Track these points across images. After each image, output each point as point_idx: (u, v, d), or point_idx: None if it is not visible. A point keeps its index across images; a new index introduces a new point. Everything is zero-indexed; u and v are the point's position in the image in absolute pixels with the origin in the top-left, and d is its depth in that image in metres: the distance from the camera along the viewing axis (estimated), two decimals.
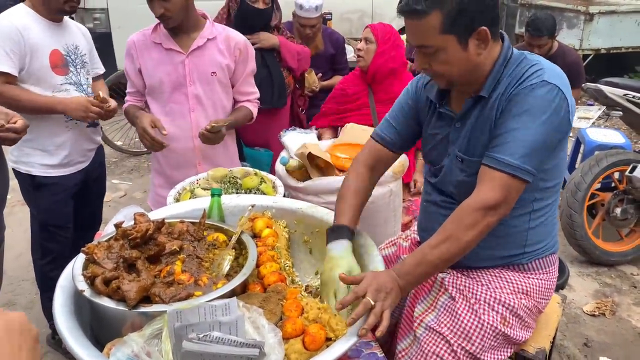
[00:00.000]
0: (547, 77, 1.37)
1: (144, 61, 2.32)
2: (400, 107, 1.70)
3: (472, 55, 1.39)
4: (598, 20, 6.82)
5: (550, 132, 1.36)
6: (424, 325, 1.55)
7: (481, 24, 1.36)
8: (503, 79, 1.43)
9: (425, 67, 1.44)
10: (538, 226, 1.54)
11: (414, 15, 1.35)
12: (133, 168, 5.10)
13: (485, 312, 1.52)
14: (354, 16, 6.71)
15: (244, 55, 2.37)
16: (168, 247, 1.45)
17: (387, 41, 2.88)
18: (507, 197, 1.36)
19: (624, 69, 7.41)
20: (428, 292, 1.62)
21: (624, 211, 3.43)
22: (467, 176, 1.49)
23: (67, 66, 2.35)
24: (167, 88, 2.32)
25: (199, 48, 2.28)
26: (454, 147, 1.53)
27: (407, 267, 1.38)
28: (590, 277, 3.46)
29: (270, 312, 1.32)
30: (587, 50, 6.91)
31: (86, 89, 2.43)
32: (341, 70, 3.96)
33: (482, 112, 1.45)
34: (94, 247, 1.38)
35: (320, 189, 2.15)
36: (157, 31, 2.31)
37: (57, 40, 2.32)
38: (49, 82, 2.28)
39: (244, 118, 2.45)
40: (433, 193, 1.66)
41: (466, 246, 1.37)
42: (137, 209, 2.09)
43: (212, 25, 2.33)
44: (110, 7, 5.78)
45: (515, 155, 1.34)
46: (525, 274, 1.58)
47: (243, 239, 1.55)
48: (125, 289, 1.24)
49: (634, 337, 2.91)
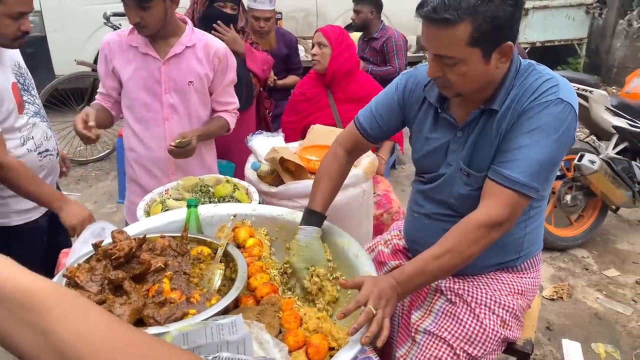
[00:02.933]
0: (562, 95, 1.34)
1: (118, 63, 2.18)
2: (385, 102, 1.66)
3: (492, 69, 1.35)
4: (532, 15, 7.15)
5: (559, 150, 1.35)
6: (422, 330, 1.55)
7: (508, 39, 1.30)
8: (513, 89, 1.39)
9: (438, 76, 1.38)
10: (532, 230, 1.57)
11: (442, 23, 1.27)
12: (80, 178, 4.86)
13: (487, 317, 1.53)
14: (299, 15, 6.70)
15: (223, 64, 2.27)
16: (153, 265, 1.39)
17: (340, 43, 2.92)
18: (513, 214, 1.36)
19: (557, 61, 7.79)
20: (424, 299, 1.63)
21: (574, 198, 3.60)
22: (473, 190, 1.46)
23: (22, 96, 2.00)
24: (141, 93, 2.20)
25: (176, 56, 2.17)
26: (455, 157, 1.49)
27: (406, 275, 1.37)
28: (545, 262, 3.61)
29: (269, 325, 1.29)
30: (524, 44, 7.22)
31: (44, 115, 2.12)
32: (295, 70, 3.95)
33: (489, 122, 1.42)
34: (75, 270, 1.30)
35: (294, 194, 2.12)
36: (134, 33, 2.17)
37: (7, 70, 1.95)
38: (16, 126, 1.94)
39: (219, 129, 2.36)
40: (426, 203, 1.62)
41: (467, 260, 1.38)
42: (106, 225, 1.98)
43: (191, 31, 2.22)
44: (45, 8, 5.47)
45: (524, 173, 1.32)
46: (519, 274, 1.61)
47: (230, 250, 1.50)
48: (117, 313, 1.18)
49: (590, 318, 3.06)
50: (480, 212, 1.37)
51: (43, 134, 2.10)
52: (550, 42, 7.48)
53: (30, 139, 2.02)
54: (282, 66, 3.88)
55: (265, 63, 3.06)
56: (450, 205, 1.55)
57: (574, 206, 3.65)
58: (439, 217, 1.58)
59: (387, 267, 1.76)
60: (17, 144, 1.97)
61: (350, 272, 1.54)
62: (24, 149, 1.99)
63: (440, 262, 1.36)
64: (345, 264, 1.57)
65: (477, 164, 1.45)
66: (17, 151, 1.98)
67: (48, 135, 2.13)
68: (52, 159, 2.16)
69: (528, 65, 1.43)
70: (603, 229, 3.94)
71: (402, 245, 1.80)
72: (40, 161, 2.07)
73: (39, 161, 2.06)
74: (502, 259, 1.58)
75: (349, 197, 2.17)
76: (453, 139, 1.50)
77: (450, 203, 1.54)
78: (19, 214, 2.06)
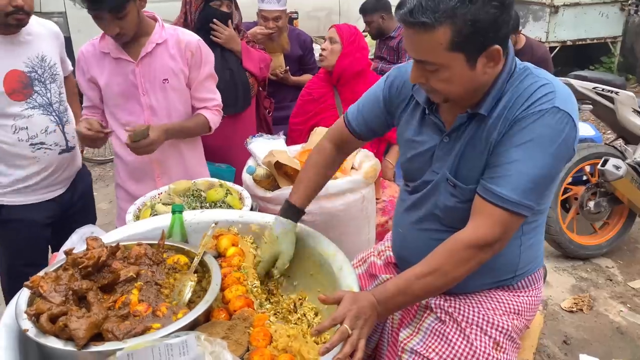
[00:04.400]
0: (558, 103, 1.22)
1: (95, 73, 2.16)
2: (372, 100, 1.56)
3: (479, 75, 1.24)
4: (563, 13, 6.90)
5: (555, 164, 1.25)
6: (409, 349, 1.44)
7: (494, 43, 1.20)
8: (505, 95, 1.28)
9: (421, 82, 1.29)
10: (528, 248, 1.45)
11: (419, 27, 1.18)
12: (98, 177, 4.91)
13: (478, 338, 1.41)
14: (321, 14, 6.63)
15: (196, 57, 2.19)
16: (123, 275, 1.34)
17: (352, 43, 2.84)
18: (504, 233, 1.27)
19: (589, 60, 7.51)
20: (414, 315, 1.52)
21: (597, 204, 3.43)
22: (459, 202, 1.35)
23: (30, 86, 2.07)
24: (120, 99, 2.17)
25: (148, 55, 2.12)
26: (441, 165, 1.38)
27: (388, 294, 1.29)
28: (566, 271, 3.45)
29: (236, 342, 1.22)
30: (554, 43, 6.98)
31: (57, 108, 2.17)
32: (310, 71, 3.87)
33: (478, 131, 1.31)
34: (39, 280, 1.26)
35: None
36: (105, 40, 2.14)
37: (16, 57, 2.04)
38: (4, 113, 2.01)
39: (197, 126, 2.25)
40: (411, 215, 1.51)
41: (453, 281, 1.29)
42: (95, 229, 1.96)
43: (161, 28, 2.16)
44: (69, 10, 5.57)
45: (517, 190, 1.22)
46: (515, 292, 1.48)
47: (206, 260, 1.44)
48: (73, 327, 1.12)
49: (612, 332, 2.90)
50: (469, 231, 1.27)
51: (43, 127, 2.13)
52: (582, 41, 7.20)
53: (24, 129, 2.07)
54: (296, 67, 3.81)
55: (263, 61, 2.99)
56: (437, 218, 1.44)
57: (597, 213, 3.47)
58: (425, 230, 1.47)
59: (379, 280, 1.65)
60: (5, 130, 2.04)
61: (331, 285, 1.45)
62: (15, 137, 2.06)
63: (424, 282, 1.28)
64: (328, 276, 1.49)
65: (465, 174, 1.34)
66: (6, 138, 2.06)
67: (50, 129, 2.15)
68: (51, 153, 2.17)
69: (524, 69, 1.31)
70: (630, 237, 3.75)
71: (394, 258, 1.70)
72: (32, 152, 2.12)
73: (32, 152, 2.11)
74: (496, 279, 1.46)
75: (347, 203, 2.08)
76: (440, 144, 1.39)
77: (437, 215, 1.43)
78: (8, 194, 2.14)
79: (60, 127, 2.19)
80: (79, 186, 2.37)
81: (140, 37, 2.12)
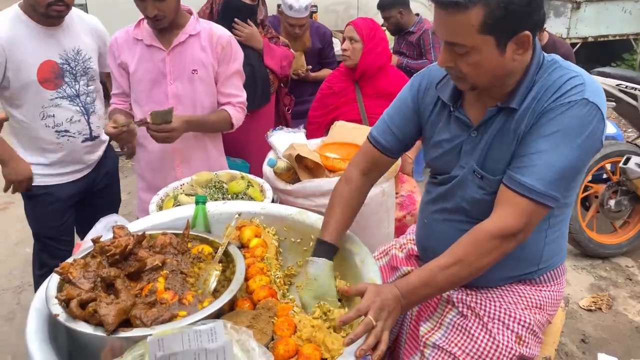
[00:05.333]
0: (588, 95, 1.22)
1: (126, 58, 2.20)
2: (399, 109, 1.54)
3: (507, 61, 1.23)
4: (585, 9, 6.79)
5: (582, 156, 1.25)
6: (431, 344, 1.45)
7: (525, 28, 1.20)
8: (534, 87, 1.28)
9: (450, 66, 1.28)
10: (553, 241, 1.44)
11: (451, 8, 1.18)
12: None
13: (500, 332, 1.41)
14: (339, 7, 6.60)
15: (227, 52, 2.22)
16: (149, 263, 1.36)
17: (372, 38, 2.82)
18: (529, 224, 1.27)
19: (611, 57, 7.40)
20: (434, 309, 1.52)
21: (618, 203, 3.39)
22: (487, 194, 1.35)
23: (61, 77, 2.18)
24: (147, 86, 2.20)
25: (180, 44, 2.16)
26: (469, 159, 1.38)
27: (412, 287, 1.29)
28: (585, 270, 3.42)
29: (261, 331, 1.24)
30: (575, 39, 6.88)
31: (84, 100, 2.27)
32: (329, 65, 3.88)
33: (506, 123, 1.31)
34: (68, 266, 1.28)
35: (310, 192, 2.05)
36: (139, 27, 2.20)
37: (53, 49, 2.15)
38: (35, 99, 2.14)
39: (219, 121, 2.27)
40: (437, 206, 1.51)
41: (477, 272, 1.29)
42: (119, 218, 1.99)
43: (196, 20, 2.20)
44: (89, 1, 5.63)
45: (542, 180, 1.22)
46: (537, 287, 1.48)
47: (230, 250, 1.45)
48: (102, 313, 1.15)
49: (631, 332, 2.87)
50: (493, 221, 1.27)
51: (68, 116, 2.25)
52: (604, 37, 7.09)
53: (51, 117, 2.20)
54: (315, 60, 3.81)
55: (285, 59, 2.99)
56: (463, 210, 1.44)
57: (618, 212, 3.43)
58: (451, 222, 1.47)
59: (400, 272, 1.66)
60: (34, 115, 2.17)
61: (354, 277, 1.46)
62: (42, 123, 2.20)
63: (448, 274, 1.28)
64: (351, 269, 1.49)
65: (492, 166, 1.34)
66: (34, 123, 2.19)
67: (75, 119, 2.27)
68: (74, 141, 2.28)
69: (552, 61, 1.31)
70: None
71: (417, 250, 1.70)
72: (57, 139, 2.24)
73: (56, 139, 2.24)
74: (519, 272, 1.46)
75: (368, 197, 2.07)
76: (467, 139, 1.39)
77: (463, 208, 1.43)
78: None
79: (86, 117, 2.29)
80: (106, 164, 2.48)
81: (174, 28, 2.17)
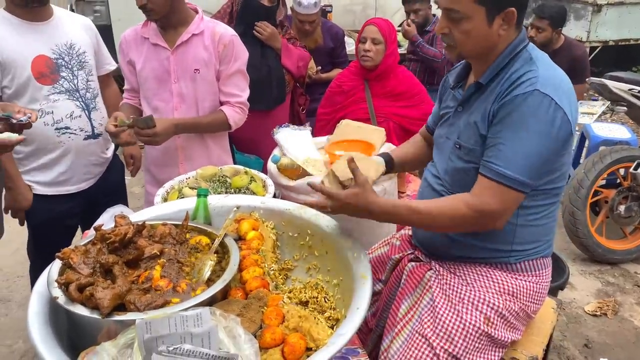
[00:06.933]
0: (539, 86, 1.35)
1: (133, 56, 2.27)
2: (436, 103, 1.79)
3: (493, 34, 1.41)
4: (606, 12, 6.70)
5: (545, 143, 1.36)
6: (410, 328, 1.55)
7: (512, 5, 1.38)
8: (505, 71, 1.44)
9: (444, 32, 1.45)
10: (529, 225, 1.52)
11: None
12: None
13: (468, 312, 1.51)
14: (357, 8, 6.62)
15: (227, 51, 2.23)
16: (148, 251, 1.41)
17: (393, 41, 2.88)
18: (503, 208, 1.40)
19: (632, 61, 7.28)
20: (413, 290, 1.61)
21: (628, 209, 3.37)
22: (464, 163, 1.50)
23: (57, 72, 2.13)
24: (153, 84, 2.26)
25: (183, 44, 2.21)
26: (453, 131, 1.55)
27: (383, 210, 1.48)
28: (592, 275, 3.40)
29: (250, 320, 1.28)
30: (595, 42, 6.79)
31: (84, 95, 2.22)
32: (341, 64, 3.90)
33: (479, 99, 1.48)
34: (69, 252, 1.34)
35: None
36: (147, 26, 2.26)
37: (43, 43, 2.11)
38: (31, 95, 2.08)
39: (213, 123, 2.28)
40: (429, 176, 1.67)
41: (440, 230, 1.53)
42: (125, 209, 2.06)
43: (200, 19, 2.24)
44: None
45: (510, 166, 1.36)
46: (513, 274, 1.55)
47: (226, 242, 1.50)
48: (98, 297, 1.20)
49: (636, 338, 2.85)
50: (475, 197, 1.41)
51: (68, 112, 2.18)
52: (626, 41, 6.98)
53: (49, 113, 2.13)
54: (327, 59, 3.85)
55: (302, 59, 3.04)
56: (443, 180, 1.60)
57: (628, 217, 3.41)
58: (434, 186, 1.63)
59: (391, 261, 1.78)
60: None
61: (345, 271, 1.50)
62: (40, 122, 2.09)
63: (416, 218, 1.48)
64: (342, 262, 1.53)
65: (467, 138, 1.50)
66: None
67: (75, 114, 2.20)
68: (75, 138, 2.21)
69: (527, 55, 1.44)
70: None
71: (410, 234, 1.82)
72: (58, 137, 2.17)
73: (57, 137, 2.17)
74: (491, 245, 1.54)
75: None
76: (454, 114, 1.58)
77: (443, 177, 1.59)
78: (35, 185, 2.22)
79: (86, 112, 2.24)
80: (110, 179, 2.41)
81: (179, 26, 2.21)
